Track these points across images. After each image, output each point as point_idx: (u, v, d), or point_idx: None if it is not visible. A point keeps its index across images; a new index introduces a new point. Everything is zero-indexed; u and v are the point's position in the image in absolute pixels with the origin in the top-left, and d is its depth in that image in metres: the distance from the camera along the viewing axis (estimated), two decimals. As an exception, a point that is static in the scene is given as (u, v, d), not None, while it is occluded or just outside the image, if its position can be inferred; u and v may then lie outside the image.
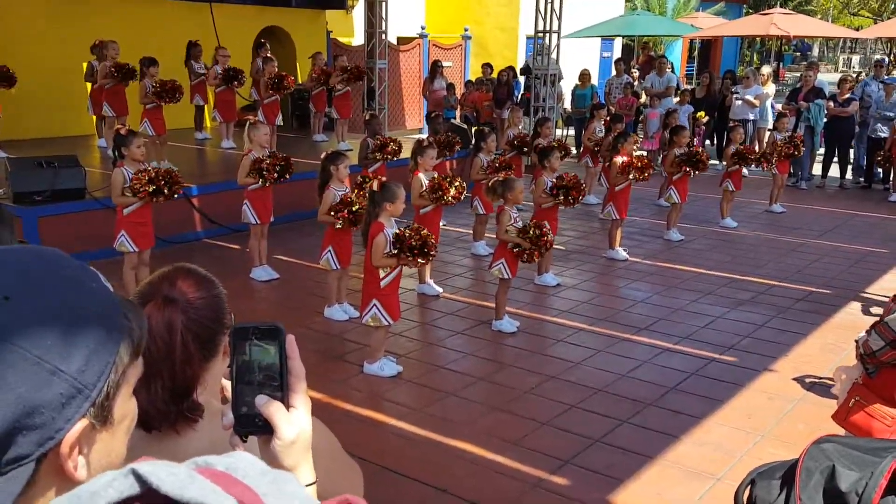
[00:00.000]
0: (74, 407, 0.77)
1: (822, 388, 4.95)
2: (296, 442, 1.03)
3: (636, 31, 18.26)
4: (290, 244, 8.06)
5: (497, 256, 5.96)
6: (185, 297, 1.38)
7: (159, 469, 0.61)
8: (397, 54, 15.86)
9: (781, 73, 27.88)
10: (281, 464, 1.05)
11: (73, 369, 0.77)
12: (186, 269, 1.46)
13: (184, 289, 1.40)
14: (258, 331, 1.02)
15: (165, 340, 1.35)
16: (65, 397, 0.76)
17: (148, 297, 1.39)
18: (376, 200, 4.99)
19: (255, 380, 1.02)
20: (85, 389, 0.78)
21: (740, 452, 4.18)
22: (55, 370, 0.75)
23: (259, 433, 1.03)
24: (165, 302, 1.36)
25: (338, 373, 5.19)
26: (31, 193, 7.16)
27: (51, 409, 0.75)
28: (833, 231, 9.42)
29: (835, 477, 2.26)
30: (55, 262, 0.84)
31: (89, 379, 0.78)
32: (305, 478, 1.08)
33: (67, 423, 0.77)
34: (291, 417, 1.03)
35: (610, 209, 7.97)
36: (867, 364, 2.95)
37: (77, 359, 0.77)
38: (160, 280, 1.42)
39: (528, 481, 3.89)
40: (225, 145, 10.77)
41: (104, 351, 0.80)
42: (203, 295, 1.42)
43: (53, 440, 0.76)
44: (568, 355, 5.52)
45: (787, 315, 6.40)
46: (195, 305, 1.39)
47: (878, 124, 11.61)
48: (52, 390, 0.75)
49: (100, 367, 0.79)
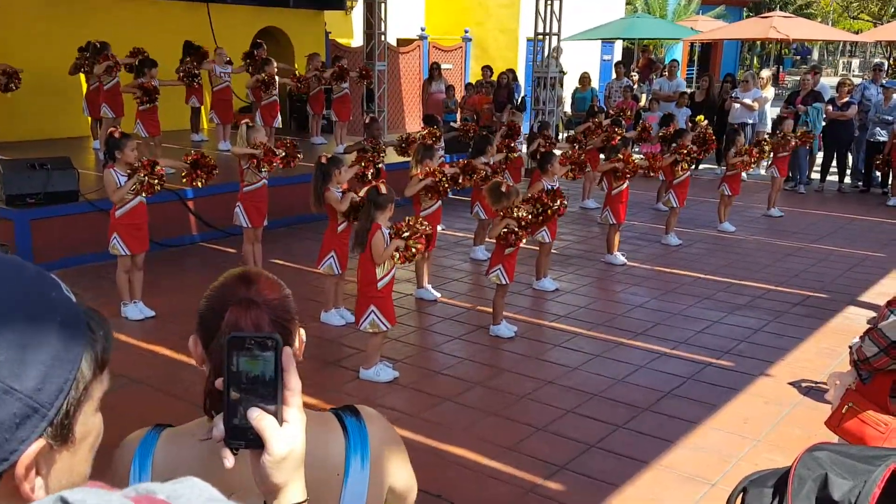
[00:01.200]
0: (29, 427, 0.72)
1: (818, 392, 4.94)
2: (287, 458, 1.00)
3: (636, 33, 18.26)
4: (286, 248, 8.05)
5: (494, 262, 5.95)
6: (264, 298, 1.37)
7: (90, 497, 0.59)
8: (397, 56, 15.84)
9: (781, 77, 27.89)
10: (270, 480, 1.01)
11: (28, 387, 0.72)
12: (257, 273, 1.45)
13: (262, 291, 1.38)
14: (254, 341, 0.99)
15: None
16: (18, 417, 0.71)
17: (225, 301, 1.36)
18: (380, 202, 5.00)
19: (248, 391, 0.99)
20: (41, 409, 0.73)
21: (736, 457, 4.16)
22: (7, 389, 0.71)
23: (250, 447, 1.00)
24: (249, 303, 1.34)
25: (333, 378, 5.18)
26: (23, 196, 7.12)
27: (3, 430, 0.71)
28: (831, 235, 9.41)
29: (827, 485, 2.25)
30: (11, 271, 0.78)
31: (45, 398, 0.73)
32: (295, 496, 1.05)
33: (22, 445, 0.72)
34: (284, 433, 0.99)
35: (607, 214, 7.96)
36: (861, 370, 2.94)
37: (32, 376, 0.72)
38: (235, 284, 1.40)
39: (523, 487, 3.88)
40: (222, 147, 10.75)
41: (63, 366, 0.75)
42: (278, 295, 1.41)
43: (7, 461, 0.71)
44: (565, 360, 5.51)
45: (783, 319, 6.38)
46: (275, 305, 1.37)
47: (876, 128, 11.60)
48: (5, 410, 0.71)
49: (58, 384, 0.74)
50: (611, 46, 21.68)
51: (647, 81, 16.94)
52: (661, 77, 14.79)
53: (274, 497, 1.04)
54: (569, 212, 9.68)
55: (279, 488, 1.03)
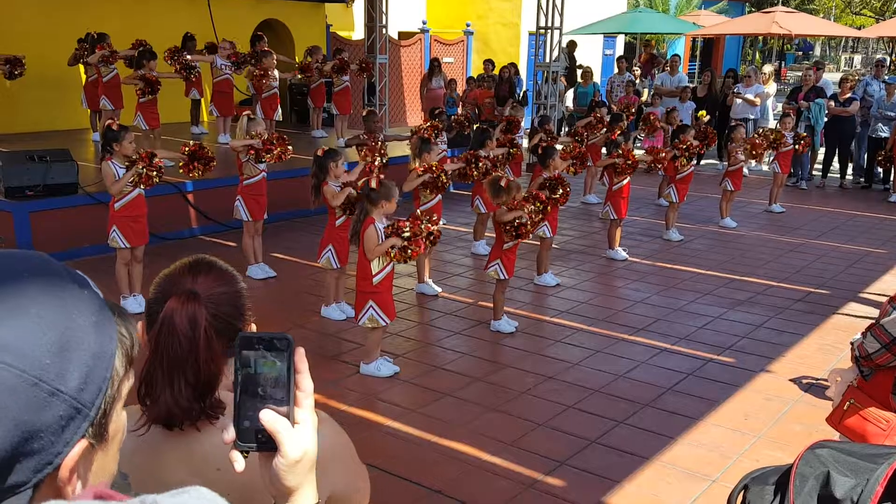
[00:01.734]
0: (73, 428, 0.72)
1: (819, 389, 4.93)
2: (300, 461, 0.98)
3: (639, 28, 18.21)
4: (287, 242, 8.04)
5: (493, 257, 5.93)
6: (207, 292, 1.33)
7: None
8: (398, 49, 15.81)
9: (783, 73, 27.83)
10: (283, 483, 0.99)
11: (72, 388, 0.71)
12: (208, 263, 1.41)
13: (206, 283, 1.35)
14: (265, 341, 0.96)
15: (189, 336, 1.30)
16: (64, 419, 0.71)
17: (169, 290, 1.33)
18: (372, 197, 4.96)
19: (260, 393, 0.96)
20: (84, 409, 0.72)
21: (736, 454, 4.16)
22: (54, 391, 0.70)
23: (261, 450, 0.98)
24: (189, 297, 1.31)
25: (334, 373, 5.17)
26: (22, 188, 7.10)
27: (50, 433, 0.70)
28: (832, 231, 9.39)
29: (829, 483, 2.24)
30: (43, 269, 0.76)
31: (88, 397, 0.73)
32: (308, 499, 1.02)
33: (66, 447, 0.71)
34: (296, 435, 0.96)
35: (608, 209, 7.94)
36: (862, 367, 2.93)
37: (75, 376, 0.71)
38: (181, 273, 1.37)
39: (523, 482, 3.87)
40: (222, 140, 10.71)
41: (100, 366, 0.74)
42: (226, 290, 1.37)
43: (52, 465, 0.71)
44: (566, 356, 5.50)
45: (785, 315, 6.37)
46: (218, 301, 1.34)
47: (878, 124, 11.57)
48: (52, 412, 0.70)
49: (98, 383, 0.74)
50: (613, 41, 21.62)
51: (649, 76, 16.88)
52: (663, 72, 14.74)
53: (285, 500, 1.02)
54: (570, 207, 9.70)
55: (292, 491, 1.00)
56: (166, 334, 1.30)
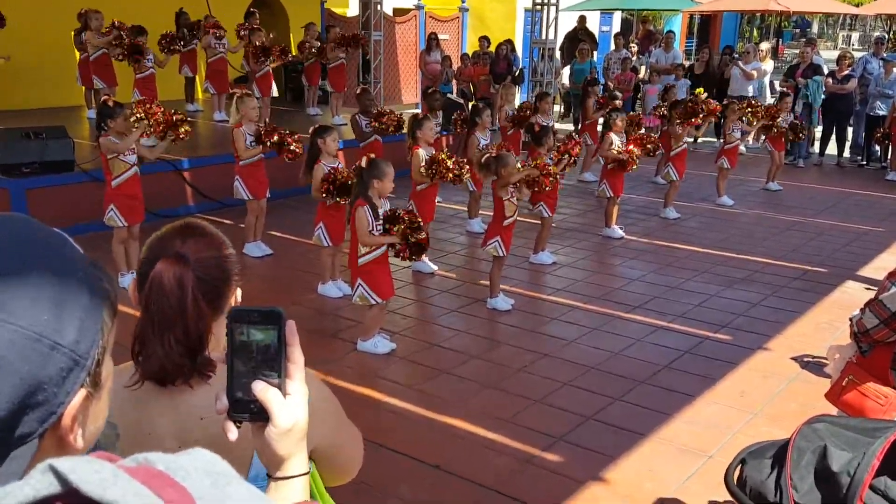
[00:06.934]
0: (73, 379, 0.76)
1: (816, 366, 4.95)
2: (291, 430, 1.02)
3: (636, 4, 18.09)
4: (284, 220, 8.00)
5: (491, 234, 5.92)
6: (195, 256, 1.38)
7: (80, 466, 0.57)
8: (393, 26, 15.65)
9: (781, 50, 27.67)
10: (274, 452, 1.04)
11: (69, 341, 0.75)
12: (197, 227, 1.46)
13: (195, 246, 1.40)
14: (257, 314, 0.99)
15: (177, 296, 1.35)
16: (65, 371, 0.75)
17: (159, 252, 1.39)
18: (363, 177, 4.90)
19: (252, 365, 1.00)
20: (81, 360, 0.77)
21: (732, 430, 4.18)
22: (54, 345, 0.74)
23: (254, 420, 1.02)
24: (177, 259, 1.36)
25: (331, 350, 5.18)
26: (18, 165, 7.06)
27: (52, 385, 0.74)
28: (830, 209, 9.39)
29: (826, 457, 2.26)
30: (29, 229, 0.80)
31: (84, 349, 0.77)
32: (299, 468, 1.07)
33: (67, 397, 0.76)
34: (287, 406, 1.00)
35: (605, 187, 7.91)
36: (861, 342, 2.94)
37: (71, 330, 0.76)
38: (172, 235, 1.42)
39: (520, 458, 3.89)
40: (217, 117, 10.65)
41: (91, 318, 0.78)
42: (213, 254, 1.41)
43: (55, 415, 0.75)
44: (562, 333, 5.51)
45: (782, 293, 6.38)
46: (205, 264, 1.39)
47: (876, 102, 11.52)
48: (53, 366, 0.74)
49: (91, 335, 0.78)
50: (609, 17, 21.43)
51: (646, 53, 16.77)
52: (659, 49, 14.64)
53: (277, 468, 1.07)
54: (567, 185, 9.66)
55: (283, 460, 1.05)
56: (156, 294, 1.35)
